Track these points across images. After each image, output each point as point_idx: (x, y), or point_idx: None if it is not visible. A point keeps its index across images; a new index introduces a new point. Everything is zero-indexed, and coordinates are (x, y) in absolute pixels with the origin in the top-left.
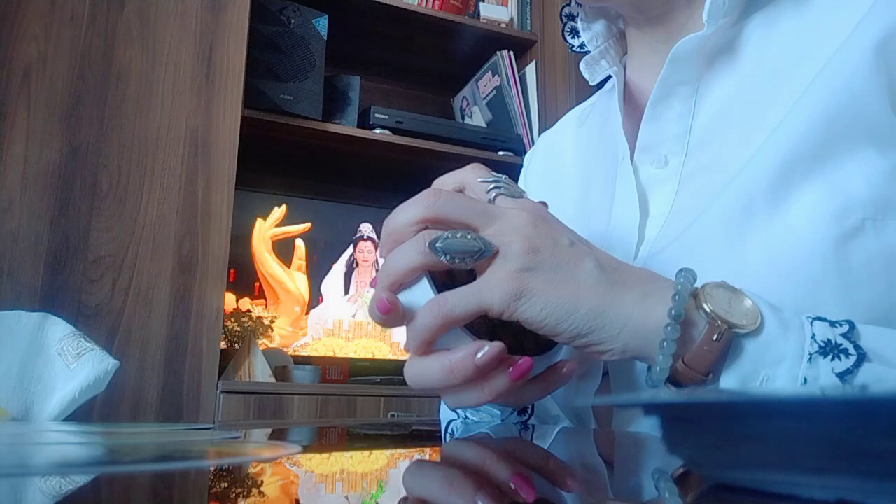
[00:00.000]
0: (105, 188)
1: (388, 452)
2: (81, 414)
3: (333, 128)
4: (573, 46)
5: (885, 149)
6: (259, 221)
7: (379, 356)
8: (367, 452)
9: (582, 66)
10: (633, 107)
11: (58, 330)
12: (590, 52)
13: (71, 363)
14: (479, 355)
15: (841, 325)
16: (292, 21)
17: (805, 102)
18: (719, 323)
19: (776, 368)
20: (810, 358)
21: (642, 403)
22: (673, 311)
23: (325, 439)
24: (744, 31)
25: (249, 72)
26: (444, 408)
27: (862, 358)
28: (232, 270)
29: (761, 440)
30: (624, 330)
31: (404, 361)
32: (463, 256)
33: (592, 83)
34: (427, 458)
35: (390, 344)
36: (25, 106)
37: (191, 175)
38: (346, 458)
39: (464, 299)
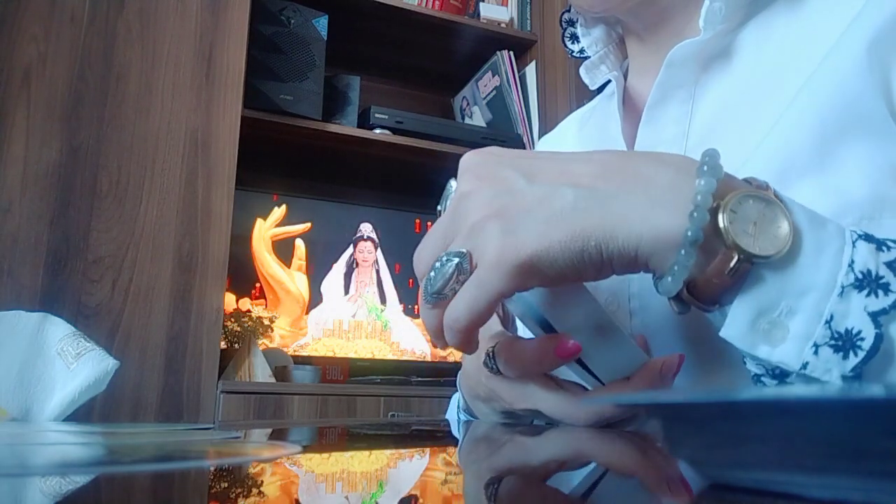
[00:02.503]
0: (105, 188)
1: (388, 452)
2: (81, 414)
3: (333, 128)
4: (573, 52)
5: (880, 146)
6: (259, 221)
7: (379, 356)
8: (367, 452)
9: (582, 70)
10: (632, 111)
11: (58, 330)
12: (589, 57)
13: (71, 363)
14: (666, 371)
15: (889, 249)
16: (292, 21)
17: (800, 103)
18: (736, 255)
19: (800, 300)
20: (842, 291)
21: (642, 403)
22: (689, 234)
23: (325, 439)
24: (739, 35)
25: (249, 72)
26: (452, 409)
27: None
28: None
29: (761, 440)
30: (640, 247)
31: (404, 361)
32: (451, 283)
33: (592, 88)
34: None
35: (390, 344)
36: (25, 106)
37: (191, 175)
38: (346, 458)
39: (467, 305)
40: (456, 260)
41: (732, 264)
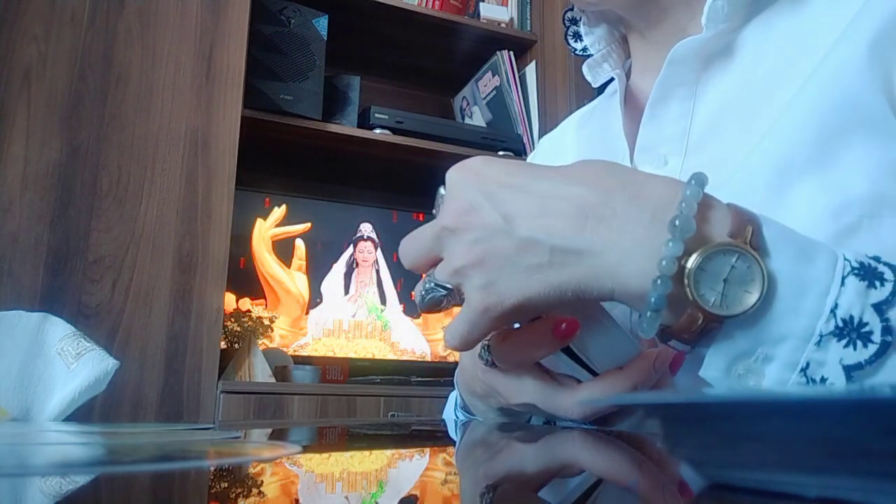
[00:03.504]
0: (105, 188)
1: (388, 452)
2: (81, 414)
3: (333, 128)
4: (576, 50)
5: (881, 144)
6: (259, 221)
7: (379, 356)
8: (367, 452)
9: (584, 68)
10: (634, 109)
11: (58, 330)
12: (592, 55)
13: (71, 363)
14: (658, 364)
15: (883, 284)
16: (292, 21)
17: (801, 100)
18: (700, 315)
19: (776, 347)
20: (820, 340)
21: (642, 404)
22: (653, 301)
23: (325, 439)
24: (741, 34)
25: (249, 72)
26: (449, 407)
27: (886, 348)
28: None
29: (761, 440)
30: (614, 296)
31: (404, 361)
32: (442, 303)
33: (595, 85)
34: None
35: (390, 344)
36: (25, 106)
37: (191, 175)
38: (346, 458)
39: (461, 336)
40: (443, 292)
41: (699, 324)
